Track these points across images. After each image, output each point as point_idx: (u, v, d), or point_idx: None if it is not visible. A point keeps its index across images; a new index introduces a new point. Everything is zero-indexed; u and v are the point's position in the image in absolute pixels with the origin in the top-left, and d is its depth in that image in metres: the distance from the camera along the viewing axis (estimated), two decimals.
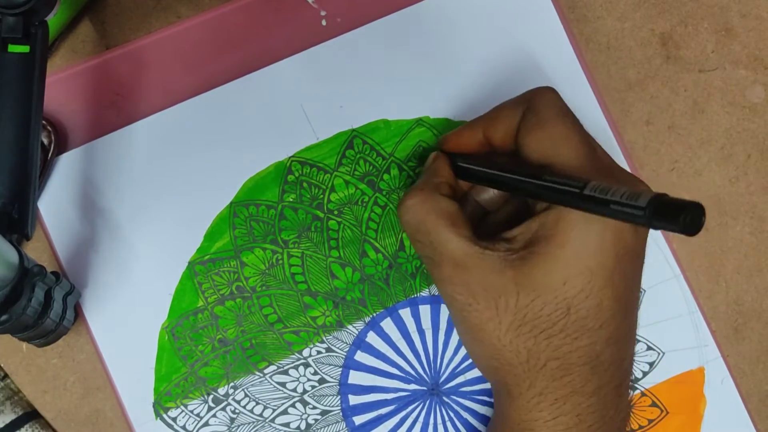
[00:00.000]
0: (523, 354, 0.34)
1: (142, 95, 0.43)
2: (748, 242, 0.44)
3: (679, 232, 0.27)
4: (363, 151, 0.43)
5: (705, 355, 0.43)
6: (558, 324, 0.33)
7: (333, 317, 0.43)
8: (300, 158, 0.43)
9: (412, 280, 0.43)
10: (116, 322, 0.42)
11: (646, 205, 0.28)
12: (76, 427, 0.42)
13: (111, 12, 0.43)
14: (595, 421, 0.34)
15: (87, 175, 0.42)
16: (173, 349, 0.42)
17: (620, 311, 0.34)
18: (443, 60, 0.43)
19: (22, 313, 0.34)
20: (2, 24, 0.36)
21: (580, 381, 0.34)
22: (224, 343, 0.42)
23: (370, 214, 0.43)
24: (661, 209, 0.28)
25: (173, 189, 0.42)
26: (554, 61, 0.43)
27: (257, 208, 0.43)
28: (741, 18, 0.44)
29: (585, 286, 0.33)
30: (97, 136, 0.43)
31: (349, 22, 0.44)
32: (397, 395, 0.43)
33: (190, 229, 0.42)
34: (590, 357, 0.34)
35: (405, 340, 0.43)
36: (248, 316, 0.42)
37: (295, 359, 0.42)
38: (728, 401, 0.43)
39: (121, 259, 0.42)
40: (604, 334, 0.34)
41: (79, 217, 0.42)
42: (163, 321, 0.42)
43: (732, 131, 0.44)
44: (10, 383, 0.43)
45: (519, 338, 0.34)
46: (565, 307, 0.33)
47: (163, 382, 0.42)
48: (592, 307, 0.33)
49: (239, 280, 0.42)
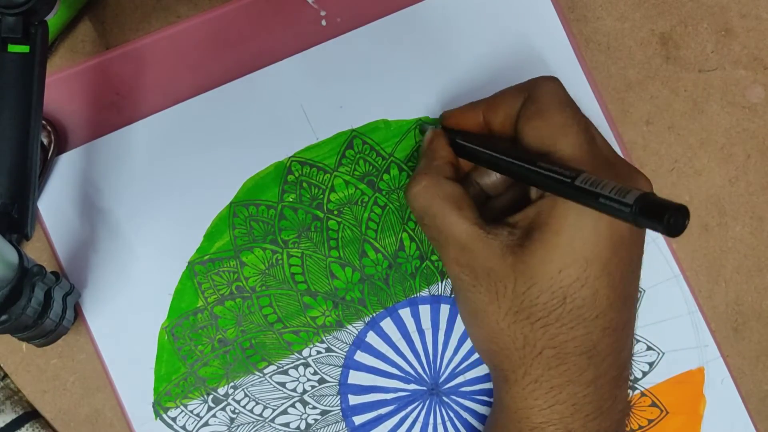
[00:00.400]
0: (520, 340, 0.34)
1: (142, 95, 0.43)
2: (748, 242, 0.44)
3: (662, 232, 0.27)
4: (363, 151, 0.43)
5: (705, 356, 0.43)
6: (554, 313, 0.33)
7: (333, 317, 0.43)
8: (300, 158, 0.43)
9: (411, 280, 0.43)
10: (116, 323, 0.42)
11: (632, 202, 0.28)
12: (76, 427, 0.42)
13: (111, 12, 0.44)
14: (592, 411, 0.34)
15: (87, 175, 0.42)
16: (173, 349, 0.42)
17: (617, 301, 0.34)
18: (443, 60, 0.43)
19: (22, 313, 0.34)
20: (2, 24, 0.36)
21: (576, 370, 0.34)
22: (224, 343, 0.42)
23: (370, 214, 0.43)
24: (647, 208, 0.28)
25: (173, 189, 0.42)
26: (554, 61, 0.43)
27: (257, 208, 0.43)
28: (741, 18, 0.44)
29: (580, 275, 0.33)
30: (97, 136, 0.43)
31: (349, 22, 0.44)
32: (397, 395, 0.43)
33: (190, 229, 0.42)
34: (587, 347, 0.34)
35: (405, 340, 0.43)
36: (248, 316, 0.42)
37: (295, 359, 0.42)
38: (728, 401, 0.43)
39: (120, 259, 0.42)
40: (600, 324, 0.34)
41: (79, 217, 0.42)
42: (163, 321, 0.42)
43: (732, 131, 0.44)
44: (9, 383, 0.43)
45: (516, 324, 0.34)
46: (561, 296, 0.33)
47: (162, 382, 0.42)
48: (588, 297, 0.33)
49: (239, 280, 0.42)
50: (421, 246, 0.43)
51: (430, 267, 0.43)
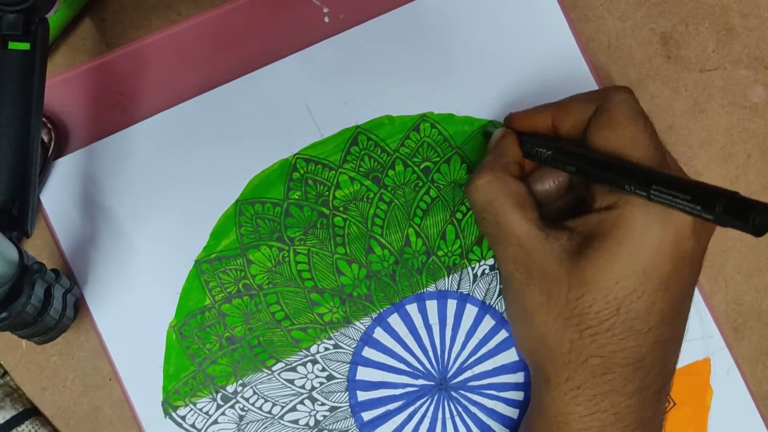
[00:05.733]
0: (566, 345, 0.34)
1: (146, 95, 0.43)
2: (748, 242, 0.44)
3: (748, 231, 0.27)
4: (367, 147, 0.43)
5: (710, 346, 0.43)
6: (606, 322, 0.33)
7: (340, 314, 0.43)
8: (305, 155, 0.43)
9: (418, 276, 0.43)
10: (124, 322, 0.42)
11: (718, 200, 0.28)
12: (76, 424, 0.42)
13: (112, 10, 0.43)
14: (632, 422, 0.34)
15: (92, 175, 0.42)
16: (181, 348, 0.42)
17: (670, 316, 0.34)
18: (446, 55, 0.43)
19: (22, 311, 0.34)
20: (2, 21, 0.35)
21: (621, 381, 0.34)
22: (232, 341, 0.42)
23: (376, 210, 0.43)
24: (733, 207, 0.28)
25: (179, 187, 0.42)
26: (557, 54, 0.44)
27: (263, 206, 0.43)
28: (742, 18, 0.44)
29: (637, 287, 0.33)
30: (101, 137, 0.42)
31: (351, 18, 0.44)
32: (406, 390, 0.43)
33: (196, 227, 0.42)
34: (634, 358, 0.34)
35: (412, 336, 0.43)
36: (255, 313, 0.42)
37: (303, 356, 0.42)
38: (734, 391, 0.43)
39: (127, 259, 0.42)
40: (651, 338, 0.34)
41: (84, 217, 0.42)
42: (171, 320, 0.42)
43: (732, 131, 0.44)
44: (9, 380, 0.42)
45: (565, 329, 0.34)
46: (615, 307, 0.33)
47: (171, 381, 0.42)
48: (642, 310, 0.33)
49: (246, 278, 0.42)
50: (427, 241, 0.43)
51: (437, 262, 0.43)
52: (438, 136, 0.43)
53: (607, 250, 0.33)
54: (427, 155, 0.43)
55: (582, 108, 0.37)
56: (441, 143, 0.43)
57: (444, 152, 0.43)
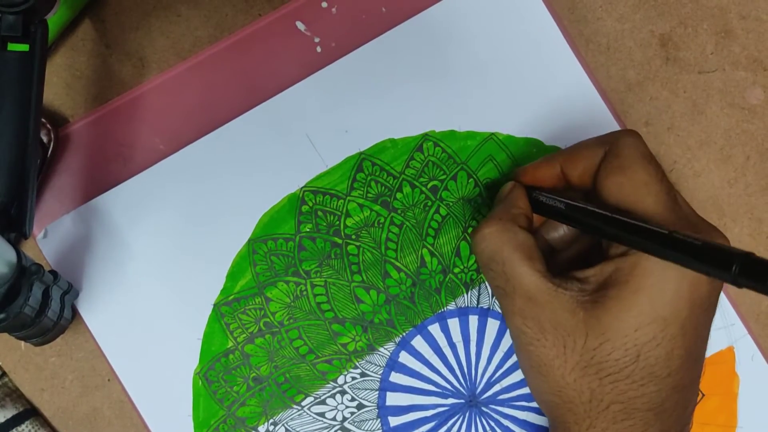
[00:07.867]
0: (586, 394, 0.34)
1: (146, 144, 0.42)
2: (747, 243, 0.44)
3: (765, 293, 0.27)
4: (373, 172, 0.43)
5: (732, 334, 0.44)
6: (625, 369, 0.33)
7: (363, 341, 0.43)
8: (312, 187, 0.43)
9: (437, 295, 0.43)
10: (148, 373, 0.41)
11: (734, 262, 0.28)
12: (74, 425, 0.42)
13: (111, 11, 0.43)
14: None
15: (100, 230, 0.42)
16: (209, 394, 0.42)
17: (689, 360, 0.34)
18: (442, 73, 0.44)
19: (20, 312, 0.34)
20: (2, 22, 0.35)
21: (642, 426, 0.34)
22: (258, 381, 0.42)
23: (388, 234, 0.43)
24: (749, 269, 0.28)
25: (190, 233, 0.42)
26: (555, 66, 0.44)
27: (275, 242, 0.43)
28: (740, 19, 0.44)
29: (657, 334, 0.33)
30: (107, 189, 0.42)
31: (344, 46, 0.43)
32: (437, 411, 0.43)
33: (212, 271, 0.42)
34: (655, 403, 0.34)
35: (437, 356, 0.43)
36: (279, 350, 0.42)
37: (331, 388, 0.42)
38: (760, 375, 0.44)
39: (146, 311, 0.42)
40: (671, 382, 0.34)
41: (101, 273, 0.42)
42: (195, 366, 0.42)
43: (731, 133, 0.45)
44: (8, 382, 0.42)
45: (584, 378, 0.34)
46: (635, 354, 0.33)
47: (202, 428, 0.42)
48: (662, 356, 0.33)
49: (266, 316, 0.42)
50: (443, 260, 0.43)
51: (454, 279, 0.43)
52: (442, 153, 0.43)
53: (626, 298, 0.33)
54: (433, 174, 0.43)
55: (591, 153, 0.36)
56: (446, 160, 0.43)
57: (449, 169, 0.43)
